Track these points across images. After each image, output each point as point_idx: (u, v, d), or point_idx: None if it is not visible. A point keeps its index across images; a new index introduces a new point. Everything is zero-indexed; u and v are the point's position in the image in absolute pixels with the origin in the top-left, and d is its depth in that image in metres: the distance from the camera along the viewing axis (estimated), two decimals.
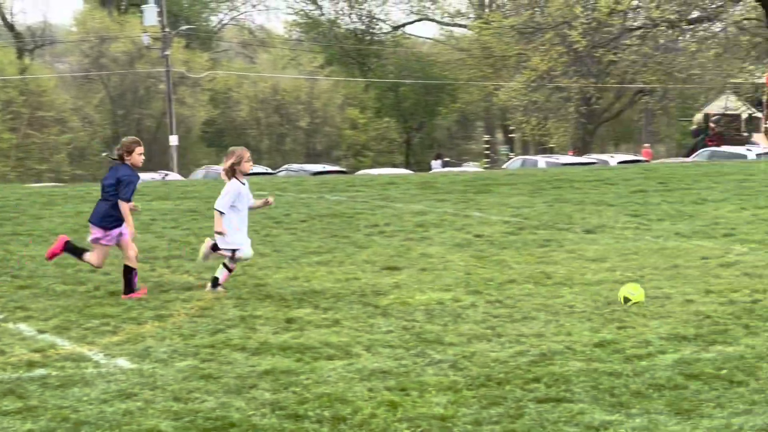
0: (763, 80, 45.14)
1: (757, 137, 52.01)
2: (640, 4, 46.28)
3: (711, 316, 11.31)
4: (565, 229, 18.89)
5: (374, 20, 76.81)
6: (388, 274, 14.36)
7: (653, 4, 39.53)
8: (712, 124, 55.07)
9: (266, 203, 13.64)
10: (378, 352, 9.83)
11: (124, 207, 12.78)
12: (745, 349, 9.83)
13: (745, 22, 46.15)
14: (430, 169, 56.15)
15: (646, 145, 60.91)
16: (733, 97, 53.96)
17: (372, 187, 28.18)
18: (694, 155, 46.58)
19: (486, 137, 74.08)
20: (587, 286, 13.19)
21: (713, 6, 43.05)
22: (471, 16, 72.31)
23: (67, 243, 13.22)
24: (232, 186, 13.02)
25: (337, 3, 75.88)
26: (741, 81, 48.44)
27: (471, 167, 56.29)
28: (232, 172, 13.03)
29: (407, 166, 66.07)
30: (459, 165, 60.63)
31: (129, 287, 12.86)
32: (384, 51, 76.11)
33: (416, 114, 74.77)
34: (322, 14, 77.49)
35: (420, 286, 13.36)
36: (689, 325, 10.87)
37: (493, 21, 57.36)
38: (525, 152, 66.76)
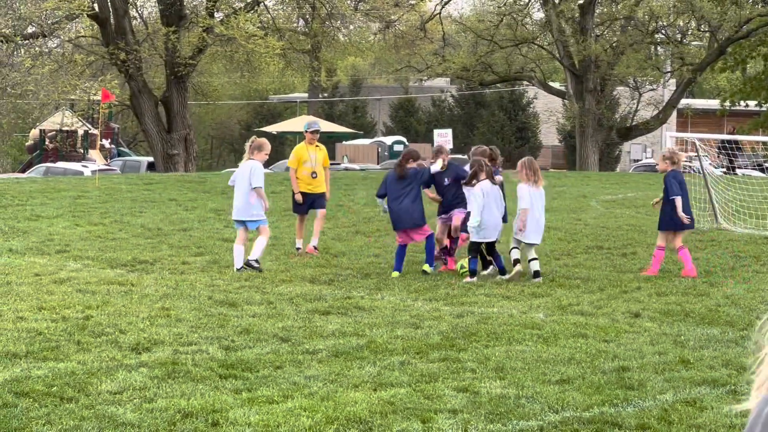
0: (98, 97, 45.80)
1: (93, 153, 52.67)
2: None
3: (43, 333, 11.28)
4: None
5: None
6: None
7: None
8: (48, 140, 55.05)
9: None
10: None
11: None
12: (76, 365, 9.91)
13: (81, 39, 46.62)
14: None
15: None
16: (69, 114, 54.19)
17: None
18: (29, 171, 46.21)
19: None
20: None
21: (49, 22, 42.98)
22: None
23: None
24: None
25: None
26: (76, 98, 48.77)
27: None
28: None
29: None
30: None
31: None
32: None
33: None
34: None
35: None
36: (21, 342, 10.78)
37: None
38: None
